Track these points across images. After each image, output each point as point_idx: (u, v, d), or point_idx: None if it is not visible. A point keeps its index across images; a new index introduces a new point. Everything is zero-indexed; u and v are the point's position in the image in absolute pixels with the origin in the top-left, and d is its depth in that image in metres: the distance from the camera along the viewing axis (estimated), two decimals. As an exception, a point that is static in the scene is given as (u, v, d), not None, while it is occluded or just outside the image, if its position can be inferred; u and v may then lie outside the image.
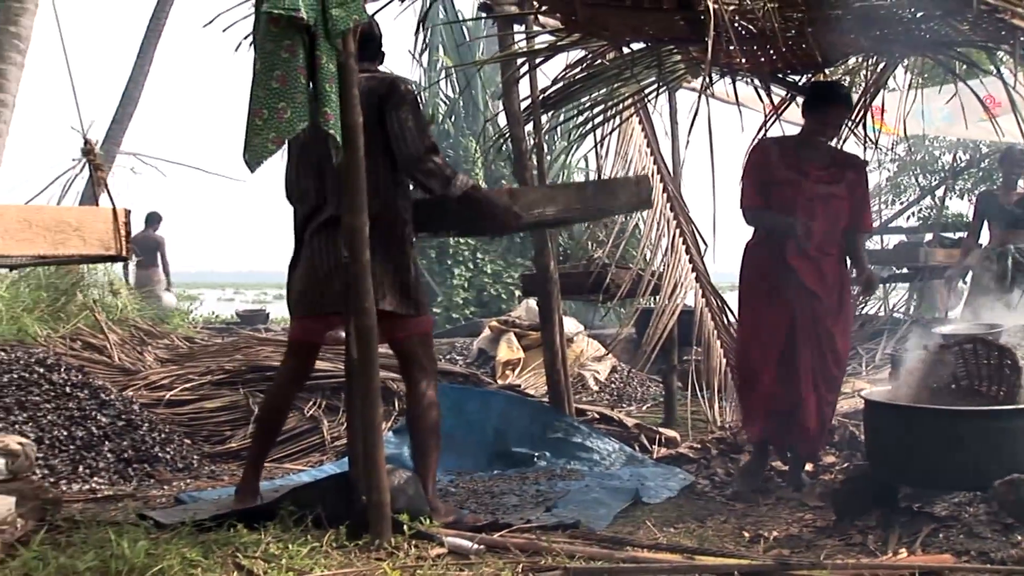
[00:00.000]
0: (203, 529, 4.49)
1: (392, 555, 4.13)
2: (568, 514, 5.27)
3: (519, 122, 7.34)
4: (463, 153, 17.33)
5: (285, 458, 7.23)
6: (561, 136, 15.90)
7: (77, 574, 3.75)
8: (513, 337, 11.23)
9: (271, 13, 4.11)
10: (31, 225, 3.18)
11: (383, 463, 4.37)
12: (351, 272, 4.44)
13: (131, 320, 11.90)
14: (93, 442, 6.71)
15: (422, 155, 5.01)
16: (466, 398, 7.47)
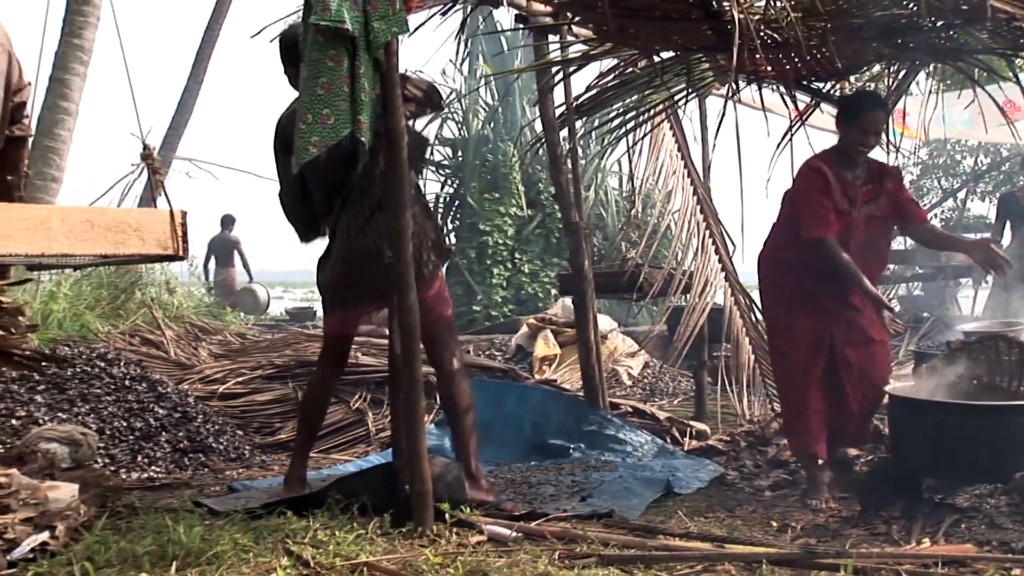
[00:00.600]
0: (254, 516, 4.51)
1: (434, 542, 4.13)
2: (602, 504, 5.26)
3: (554, 128, 7.35)
4: (501, 157, 17.30)
5: (332, 449, 7.25)
6: (595, 141, 15.87)
7: (136, 558, 3.77)
8: (550, 334, 11.22)
9: (318, 24, 4.13)
10: (94, 226, 3.20)
11: (425, 454, 4.38)
12: (394, 270, 4.45)
13: (186, 317, 11.97)
14: (151, 433, 6.76)
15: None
16: (504, 392, 7.48)
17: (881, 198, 5.79)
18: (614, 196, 18.45)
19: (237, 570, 3.62)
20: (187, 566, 3.66)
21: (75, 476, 5.26)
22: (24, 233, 3.03)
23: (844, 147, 5.77)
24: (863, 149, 5.72)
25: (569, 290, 7.80)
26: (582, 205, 7.73)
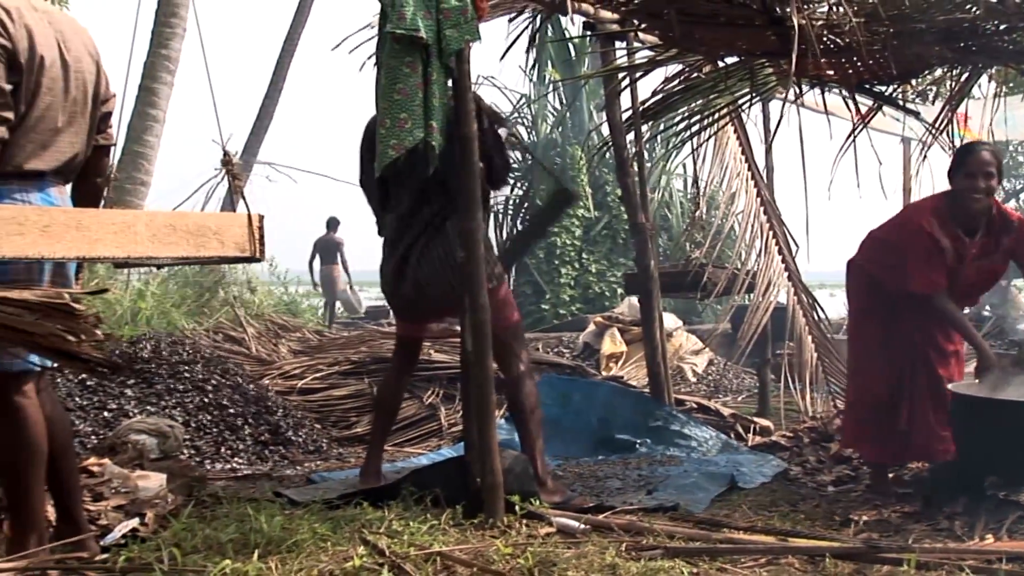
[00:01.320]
0: (332, 506, 4.54)
1: (504, 533, 4.13)
2: (668, 497, 5.24)
3: (621, 132, 7.33)
4: (569, 161, 17.29)
5: (406, 442, 7.28)
6: (660, 144, 15.79)
7: (220, 545, 3.81)
8: (616, 332, 11.20)
9: (395, 32, 4.15)
10: (176, 230, 3.23)
11: (496, 448, 4.39)
12: (466, 270, 4.46)
13: (267, 315, 12.08)
14: (234, 426, 6.83)
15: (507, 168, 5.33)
16: (572, 388, 7.47)
17: (996, 254, 5.49)
18: (679, 198, 18.37)
19: (316, 558, 3.65)
20: (268, 553, 3.69)
21: (163, 466, 5.33)
22: (112, 236, 3.07)
23: (956, 196, 5.40)
24: (976, 196, 5.30)
25: (635, 289, 7.77)
26: (648, 207, 7.69)
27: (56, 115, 3.67)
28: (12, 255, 2.79)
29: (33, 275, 3.58)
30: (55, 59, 3.65)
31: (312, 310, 16.15)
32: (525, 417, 5.18)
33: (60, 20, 3.78)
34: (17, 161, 3.58)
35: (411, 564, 3.56)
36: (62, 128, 3.71)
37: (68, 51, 3.72)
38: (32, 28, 3.57)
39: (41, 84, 3.59)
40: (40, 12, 3.67)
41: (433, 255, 5.00)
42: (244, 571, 3.42)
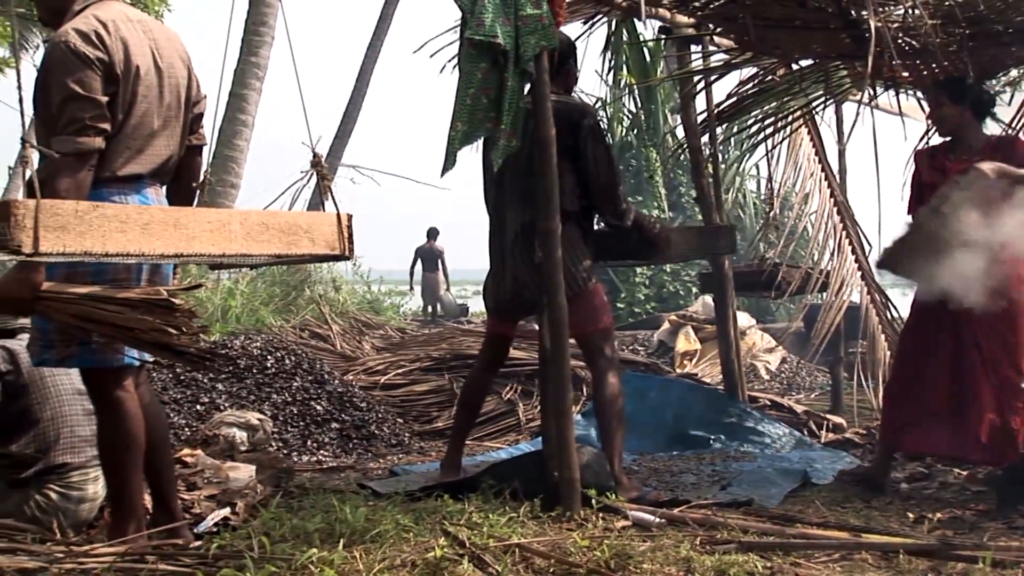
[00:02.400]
0: (414, 498, 4.57)
1: (581, 526, 4.13)
2: (742, 492, 5.19)
3: (696, 134, 7.29)
4: (644, 163, 17.22)
5: (485, 437, 7.30)
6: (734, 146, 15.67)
7: (307, 534, 3.85)
8: (690, 330, 11.14)
9: (472, 39, 4.17)
10: (269, 228, 3.26)
11: (573, 443, 4.38)
12: (544, 270, 4.46)
13: (351, 313, 12.18)
14: (319, 419, 6.90)
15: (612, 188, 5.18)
16: (647, 385, 7.44)
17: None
18: (752, 198, 18.22)
19: (398, 548, 3.66)
20: (353, 543, 3.71)
21: (252, 458, 5.40)
22: (207, 235, 3.11)
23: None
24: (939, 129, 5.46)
25: (709, 288, 7.72)
26: (722, 207, 7.64)
27: (152, 120, 3.74)
28: (115, 252, 2.84)
29: (132, 274, 3.65)
30: (150, 67, 3.72)
31: (394, 308, 16.26)
32: (608, 416, 5.16)
33: (154, 28, 3.84)
34: (115, 166, 3.65)
35: (490, 555, 3.56)
36: (157, 132, 3.77)
37: (161, 58, 3.78)
38: (127, 39, 3.63)
39: (137, 93, 3.66)
40: (135, 22, 3.73)
41: (528, 256, 4.99)
42: (330, 560, 3.45)
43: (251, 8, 13.98)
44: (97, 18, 3.60)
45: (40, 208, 2.63)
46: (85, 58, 3.49)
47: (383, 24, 22.47)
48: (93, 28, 3.56)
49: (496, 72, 4.25)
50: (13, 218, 2.58)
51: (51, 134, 3.46)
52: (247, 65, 13.85)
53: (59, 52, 3.51)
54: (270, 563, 3.39)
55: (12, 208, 2.59)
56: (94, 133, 3.49)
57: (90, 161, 3.47)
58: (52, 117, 3.49)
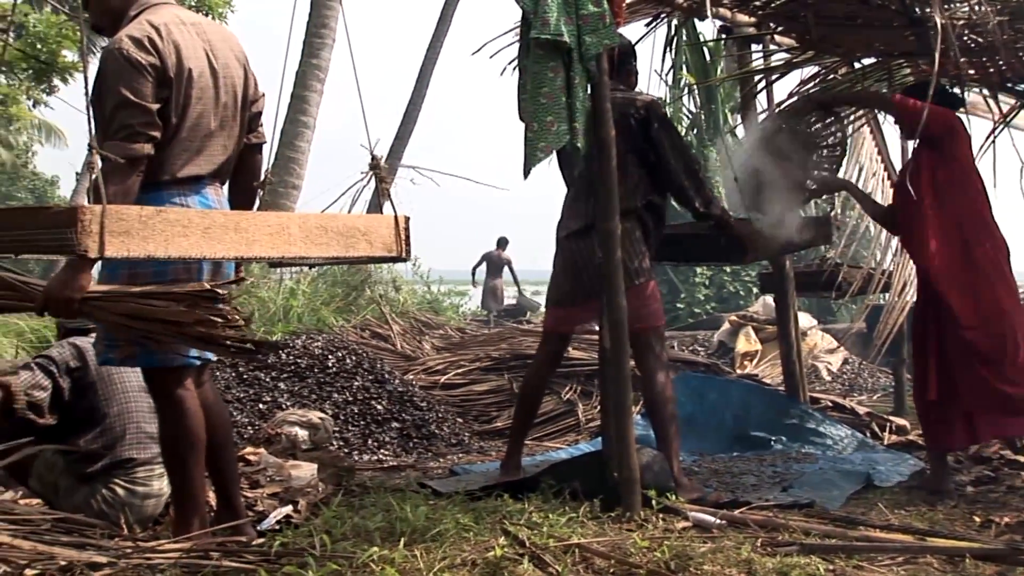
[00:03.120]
0: (474, 498, 4.56)
1: (641, 527, 4.11)
2: (803, 494, 5.14)
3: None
4: (704, 163, 17.13)
5: (545, 437, 7.30)
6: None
7: (368, 533, 3.86)
8: (751, 330, 11.06)
9: (539, 38, 4.16)
10: (327, 231, 3.29)
11: (633, 443, 4.36)
12: (604, 270, 4.44)
13: (411, 313, 12.22)
14: (380, 419, 6.93)
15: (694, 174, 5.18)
16: (707, 386, 7.39)
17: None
18: (813, 198, 18.02)
19: (458, 548, 3.66)
20: (413, 542, 3.72)
21: (314, 457, 5.44)
22: (267, 238, 3.14)
23: None
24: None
25: (770, 288, 7.65)
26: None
27: (208, 122, 3.77)
28: (178, 255, 2.88)
29: (192, 275, 3.69)
30: (204, 69, 3.75)
31: (453, 308, 16.30)
32: (661, 416, 5.13)
33: (208, 29, 3.87)
34: (174, 169, 3.69)
35: (550, 555, 3.56)
36: (214, 132, 3.81)
37: (216, 59, 3.81)
38: (180, 43, 3.66)
39: (191, 95, 3.69)
40: (189, 25, 3.76)
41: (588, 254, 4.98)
42: (391, 558, 3.46)
43: (312, 11, 14.08)
44: (150, 23, 3.63)
45: (106, 213, 2.67)
46: (138, 64, 3.52)
47: (443, 26, 22.54)
48: (146, 34, 3.59)
49: (565, 71, 4.24)
50: (80, 223, 2.63)
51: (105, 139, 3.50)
52: (308, 67, 13.95)
53: (112, 59, 3.55)
54: (331, 561, 3.41)
55: (79, 214, 2.63)
56: (144, 139, 3.52)
57: (139, 167, 3.50)
58: (105, 123, 3.53)
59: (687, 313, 16.49)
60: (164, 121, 3.62)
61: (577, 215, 5.17)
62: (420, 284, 16.40)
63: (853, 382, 10.60)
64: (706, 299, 16.98)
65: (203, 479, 3.95)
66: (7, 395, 4.29)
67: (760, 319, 11.27)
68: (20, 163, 28.52)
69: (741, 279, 17.11)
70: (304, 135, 13.93)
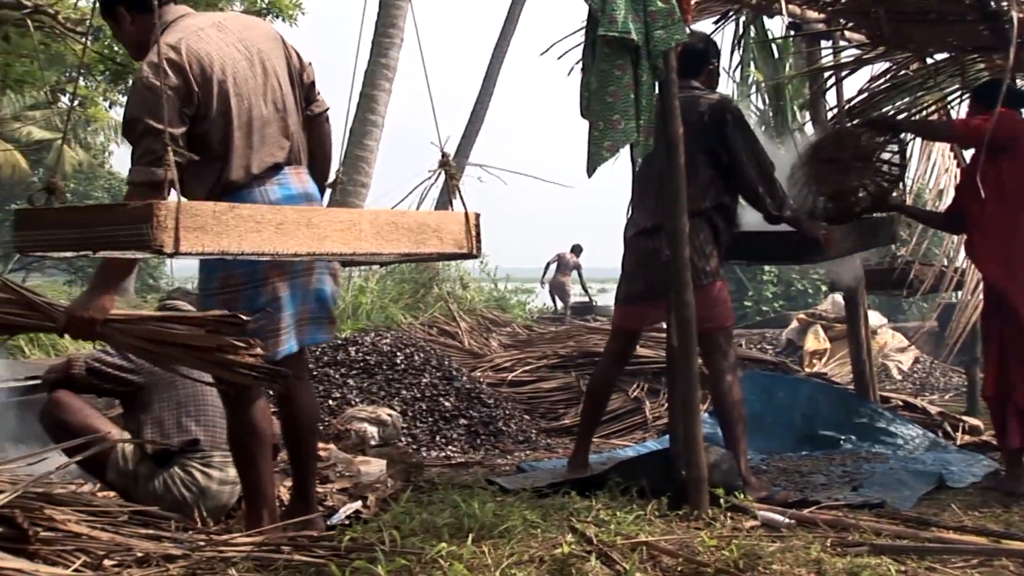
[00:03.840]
0: (541, 495, 4.56)
1: (709, 525, 4.08)
2: (874, 494, 5.06)
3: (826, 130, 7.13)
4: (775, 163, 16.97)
5: (612, 434, 7.27)
6: (866, 142, 15.31)
7: (436, 529, 3.87)
8: (820, 329, 10.95)
9: (605, 36, 4.14)
10: (398, 227, 3.29)
11: (701, 441, 4.33)
12: (671, 268, 4.41)
13: (478, 310, 12.24)
14: (448, 415, 6.95)
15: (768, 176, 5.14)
16: (775, 384, 7.32)
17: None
18: (885, 195, 17.78)
19: (526, 544, 3.66)
20: (481, 538, 3.73)
21: (383, 453, 5.47)
22: (338, 234, 3.15)
23: None
24: None
25: (839, 286, 7.56)
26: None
27: (260, 111, 3.80)
28: (251, 250, 2.90)
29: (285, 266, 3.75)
30: (236, 64, 3.76)
31: (520, 306, 16.31)
32: (729, 415, 5.09)
33: (230, 24, 3.88)
34: (251, 166, 3.76)
35: (618, 553, 3.54)
36: (271, 119, 3.85)
37: (248, 48, 3.83)
38: (201, 52, 3.67)
39: (230, 94, 3.71)
40: (208, 28, 3.76)
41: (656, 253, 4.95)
42: (459, 554, 3.47)
43: (381, 10, 14.17)
44: (168, 44, 3.61)
45: (181, 209, 2.69)
46: (158, 90, 3.47)
47: (509, 25, 22.58)
48: (164, 56, 3.57)
49: (632, 69, 4.22)
50: (155, 219, 2.65)
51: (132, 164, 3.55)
52: (377, 67, 14.04)
53: (135, 88, 3.61)
54: (400, 556, 3.43)
55: (155, 210, 2.66)
56: (167, 166, 3.55)
57: (163, 190, 3.53)
58: (133, 149, 3.57)
59: (755, 311, 16.36)
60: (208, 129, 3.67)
61: (646, 213, 5.14)
62: (487, 282, 16.43)
63: (924, 381, 10.46)
64: (774, 297, 16.84)
65: (271, 474, 4.00)
66: (68, 362, 4.43)
67: (829, 317, 11.15)
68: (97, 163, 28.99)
69: (809, 277, 16.94)
70: (373, 134, 14.02)
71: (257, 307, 3.73)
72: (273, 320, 3.80)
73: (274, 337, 3.79)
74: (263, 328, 3.72)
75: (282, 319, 3.85)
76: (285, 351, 3.85)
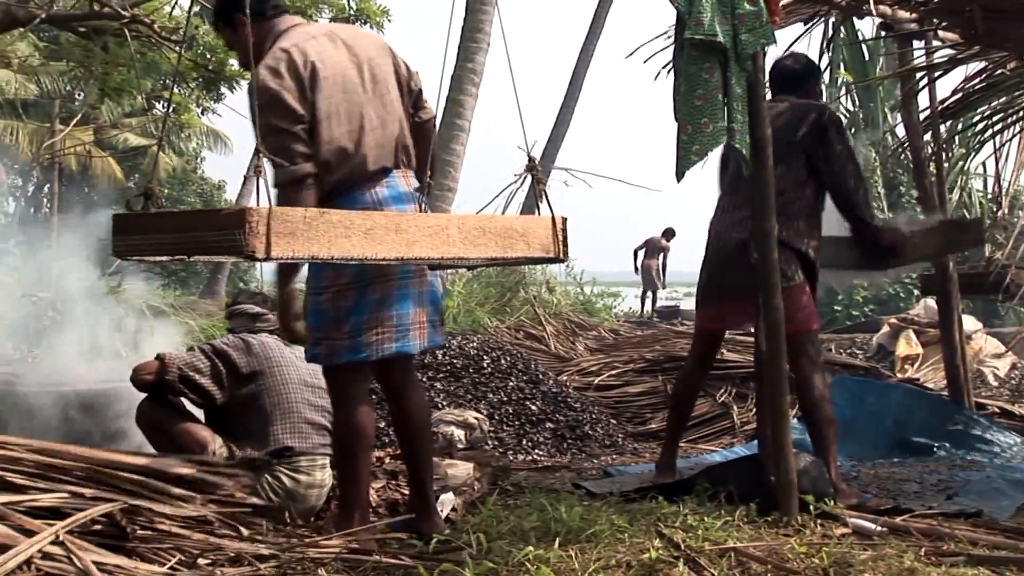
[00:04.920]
0: (628, 499, 4.55)
1: (799, 532, 4.02)
2: (970, 503, 4.94)
3: (918, 133, 7.02)
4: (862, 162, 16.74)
5: (700, 439, 7.22)
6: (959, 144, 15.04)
7: (524, 532, 3.88)
8: (912, 333, 10.75)
9: (692, 39, 4.12)
10: (485, 232, 3.31)
11: (790, 447, 4.28)
12: (760, 271, 4.37)
13: (564, 314, 12.23)
14: (534, 419, 6.95)
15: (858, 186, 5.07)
16: (866, 390, 7.20)
17: None
18: (978, 198, 17.42)
19: (613, 549, 3.65)
20: (568, 543, 3.72)
21: (470, 456, 5.49)
22: (427, 239, 3.18)
23: None
24: None
25: (932, 290, 7.41)
26: (947, 207, 7.32)
27: (369, 115, 3.89)
28: (340, 256, 2.94)
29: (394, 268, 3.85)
30: (345, 70, 3.88)
31: (607, 309, 16.25)
32: (817, 420, 5.02)
33: (341, 33, 4.00)
34: (358, 171, 3.85)
35: (705, 559, 3.51)
36: (378, 124, 3.92)
37: (358, 55, 3.94)
38: (314, 57, 3.80)
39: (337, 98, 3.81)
40: (320, 36, 3.89)
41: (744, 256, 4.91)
42: (546, 558, 3.47)
43: (467, 15, 14.24)
44: (281, 48, 3.79)
45: (272, 215, 2.74)
46: (276, 92, 3.69)
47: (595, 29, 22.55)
48: (279, 60, 3.76)
49: (720, 72, 4.19)
50: (248, 225, 2.70)
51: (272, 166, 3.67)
52: (464, 71, 14.10)
53: (255, 92, 3.71)
54: (487, 560, 3.44)
55: (247, 216, 2.71)
56: (301, 159, 3.70)
57: (305, 184, 3.69)
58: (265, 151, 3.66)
59: (844, 316, 16.13)
60: (319, 131, 3.76)
61: (732, 214, 5.11)
62: (573, 285, 16.40)
63: (1022, 388, 10.21)
64: (864, 301, 16.58)
65: (368, 474, 4.05)
66: (162, 365, 4.50)
67: (922, 322, 10.94)
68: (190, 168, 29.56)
69: (901, 281, 16.65)
70: (459, 138, 14.08)
71: (363, 305, 3.84)
72: (380, 318, 3.88)
73: (381, 335, 3.87)
74: (370, 325, 3.83)
75: (391, 318, 3.91)
76: (392, 350, 3.91)
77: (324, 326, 3.89)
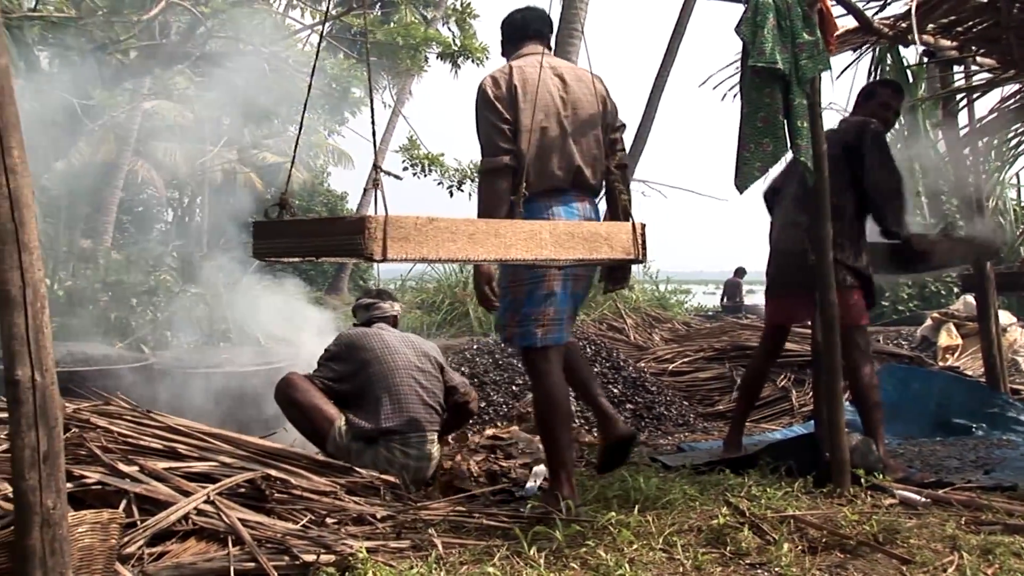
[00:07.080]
0: (699, 472, 4.51)
1: (851, 502, 3.96)
2: (1006, 478, 4.78)
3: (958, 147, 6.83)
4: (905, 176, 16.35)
5: (762, 419, 7.11)
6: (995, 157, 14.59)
7: (606, 500, 3.88)
8: (952, 326, 10.45)
9: (755, 67, 4.06)
10: (574, 236, 3.29)
11: (843, 427, 4.21)
12: (817, 271, 4.31)
13: (643, 308, 12.16)
14: (616, 401, 6.90)
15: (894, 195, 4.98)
16: (911, 376, 7.03)
17: None
18: (1012, 205, 16.91)
19: (685, 515, 3.64)
20: (646, 509, 3.72)
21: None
22: (522, 243, 3.17)
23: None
24: None
25: (971, 287, 7.20)
26: (984, 214, 7.12)
27: (559, 140, 3.95)
28: (447, 257, 2.94)
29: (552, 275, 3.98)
30: (551, 98, 3.96)
31: (679, 304, 16.11)
32: (867, 403, 4.92)
33: (564, 70, 4.10)
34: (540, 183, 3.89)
35: (768, 525, 3.48)
36: (568, 152, 3.97)
37: (567, 90, 4.01)
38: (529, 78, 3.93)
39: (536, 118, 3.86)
40: (545, 68, 3.97)
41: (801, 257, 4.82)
42: (626, 523, 3.46)
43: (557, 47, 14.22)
44: (509, 65, 4.01)
45: (388, 222, 2.75)
46: (491, 97, 3.90)
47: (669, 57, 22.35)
48: (502, 73, 3.96)
49: (782, 96, 4.12)
50: (367, 231, 2.72)
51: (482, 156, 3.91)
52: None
53: (479, 94, 3.95)
54: (575, 523, 3.44)
55: (366, 223, 2.72)
56: (502, 153, 3.83)
57: (501, 174, 3.81)
58: (480, 143, 3.92)
59: (891, 310, 15.76)
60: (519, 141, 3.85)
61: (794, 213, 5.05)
62: (650, 283, 16.30)
63: (1053, 376, 9.86)
64: (909, 297, 16.18)
65: (570, 441, 4.06)
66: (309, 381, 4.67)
67: (961, 316, 10.63)
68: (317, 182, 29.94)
69: (943, 279, 16.23)
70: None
71: (537, 300, 3.93)
72: (548, 312, 3.95)
73: (546, 326, 3.94)
74: (540, 317, 3.92)
75: (556, 311, 3.97)
76: (553, 339, 3.96)
77: (505, 315, 4.02)
